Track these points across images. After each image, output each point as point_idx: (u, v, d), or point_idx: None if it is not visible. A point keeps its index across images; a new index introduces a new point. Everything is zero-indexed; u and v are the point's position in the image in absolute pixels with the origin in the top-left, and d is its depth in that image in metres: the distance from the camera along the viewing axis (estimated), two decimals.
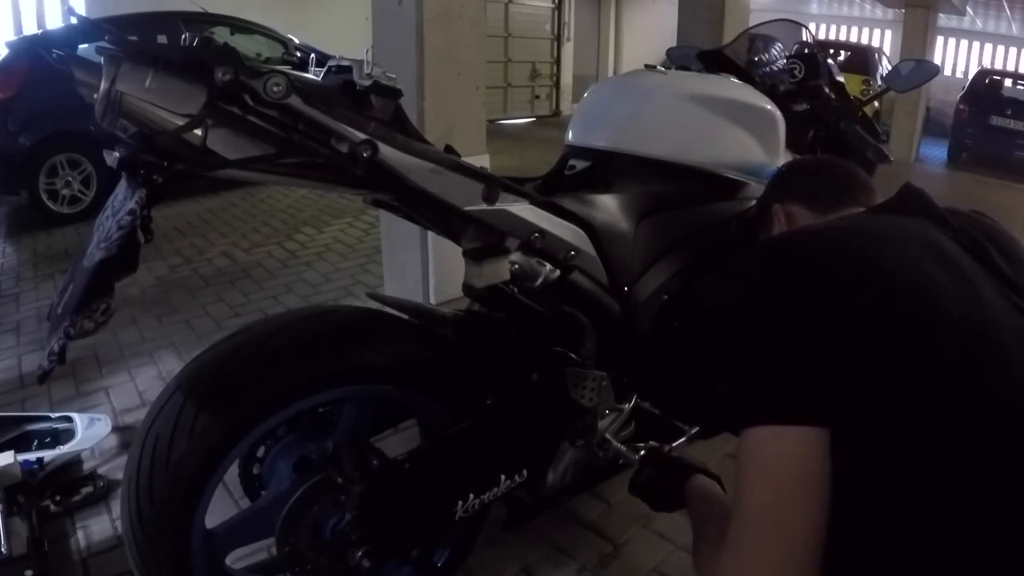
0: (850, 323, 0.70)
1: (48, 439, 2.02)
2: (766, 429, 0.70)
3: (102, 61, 0.91)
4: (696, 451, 1.65)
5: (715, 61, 1.91)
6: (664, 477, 1.19)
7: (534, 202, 1.28)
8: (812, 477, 0.68)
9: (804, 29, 2.14)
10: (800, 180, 1.14)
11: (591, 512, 1.77)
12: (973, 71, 12.18)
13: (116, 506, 1.79)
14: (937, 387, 0.68)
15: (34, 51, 4.58)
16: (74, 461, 1.96)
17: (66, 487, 1.82)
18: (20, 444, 1.95)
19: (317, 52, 3.97)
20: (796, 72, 1.92)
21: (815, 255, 0.78)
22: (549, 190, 1.55)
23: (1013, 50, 15.06)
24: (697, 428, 1.52)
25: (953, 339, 0.70)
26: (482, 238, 1.25)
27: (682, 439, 1.48)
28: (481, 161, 2.71)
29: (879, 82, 9.23)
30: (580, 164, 1.63)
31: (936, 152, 10.68)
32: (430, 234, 2.41)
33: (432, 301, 2.84)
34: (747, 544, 0.69)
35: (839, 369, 0.69)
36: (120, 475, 1.20)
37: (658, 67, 1.79)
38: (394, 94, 1.12)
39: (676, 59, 2.14)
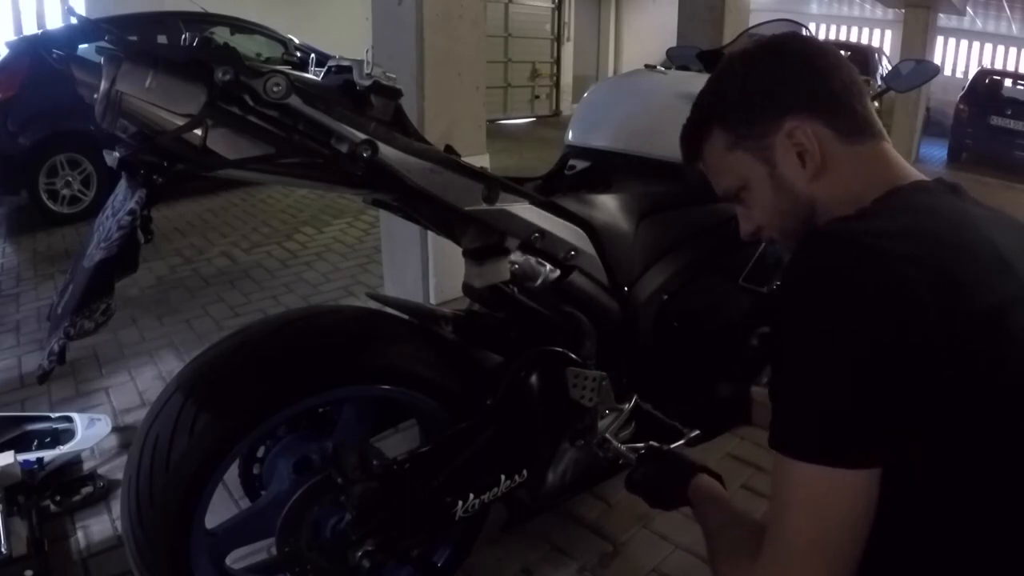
0: (932, 363, 0.64)
1: (48, 439, 2.02)
2: (823, 469, 0.65)
3: (102, 61, 0.91)
4: (696, 451, 1.65)
5: (715, 61, 1.91)
6: (663, 474, 1.16)
7: (534, 202, 1.28)
8: (862, 514, 0.67)
9: (804, 29, 2.14)
10: (800, 79, 0.82)
11: (591, 512, 1.77)
12: (973, 71, 12.18)
13: (116, 506, 1.79)
14: (1011, 418, 0.66)
15: (34, 51, 4.58)
16: (74, 461, 1.96)
17: (66, 487, 1.82)
18: (20, 444, 1.95)
19: (317, 52, 3.97)
20: None
21: (907, 279, 0.65)
22: (549, 190, 1.55)
23: (1013, 50, 15.05)
24: (697, 431, 1.51)
25: (1019, 369, 0.66)
26: (482, 238, 1.25)
27: (681, 441, 1.48)
28: (481, 161, 2.71)
29: (879, 82, 9.20)
30: (580, 164, 1.63)
31: (936, 152, 10.68)
32: (430, 234, 2.41)
33: (432, 301, 2.83)
34: (787, 572, 0.69)
35: (912, 412, 0.65)
36: (120, 475, 1.20)
37: (658, 67, 1.79)
38: (394, 94, 1.12)
39: (676, 59, 2.13)
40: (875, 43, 14.75)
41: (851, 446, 0.65)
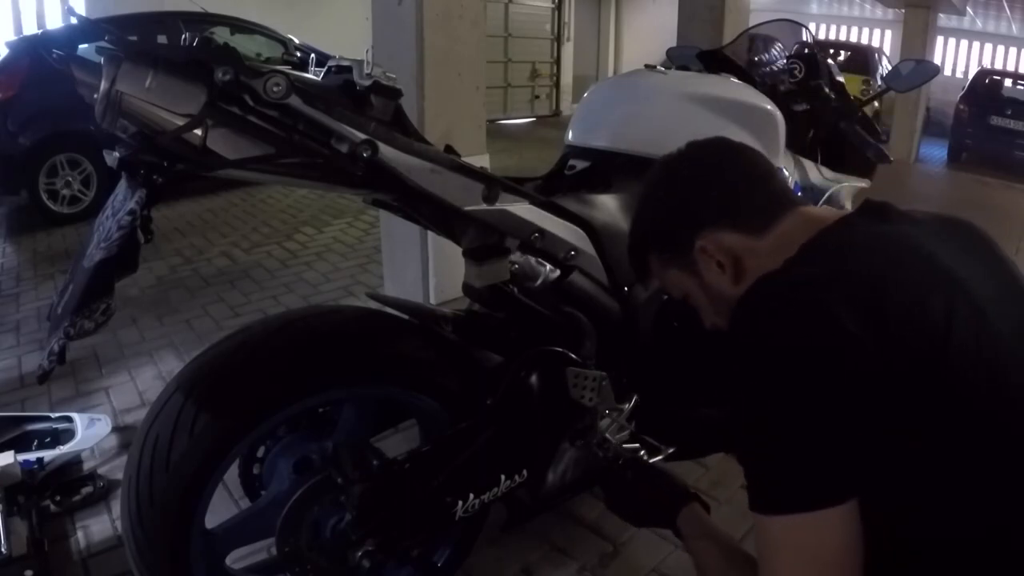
0: (878, 392, 0.66)
1: (48, 439, 2.02)
2: (798, 517, 0.67)
3: (102, 61, 0.91)
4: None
5: (715, 61, 1.91)
6: (653, 495, 1.13)
7: (534, 202, 1.28)
8: (852, 546, 0.68)
9: (804, 29, 2.14)
10: (700, 198, 0.90)
11: (591, 512, 1.77)
12: (973, 71, 12.19)
13: (116, 506, 1.79)
14: (970, 427, 0.67)
15: (34, 51, 4.58)
16: (74, 461, 1.96)
17: (66, 487, 1.82)
18: (20, 444, 1.95)
19: (317, 52, 3.97)
20: (796, 72, 1.92)
21: (838, 322, 0.67)
22: (549, 190, 1.55)
23: (1013, 50, 15.06)
24: (672, 449, 1.49)
25: (974, 377, 0.68)
26: (482, 238, 1.25)
27: (659, 457, 1.45)
28: (481, 161, 2.71)
29: (879, 82, 9.22)
30: (580, 164, 1.63)
31: (936, 152, 10.69)
32: (430, 234, 2.41)
33: (432, 301, 2.84)
34: None
35: (871, 442, 0.66)
36: (120, 475, 1.20)
37: (658, 67, 1.78)
38: (394, 94, 1.12)
39: (676, 59, 2.13)
40: (875, 43, 14.77)
41: (821, 486, 0.67)
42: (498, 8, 10.71)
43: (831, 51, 10.34)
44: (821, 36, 14.65)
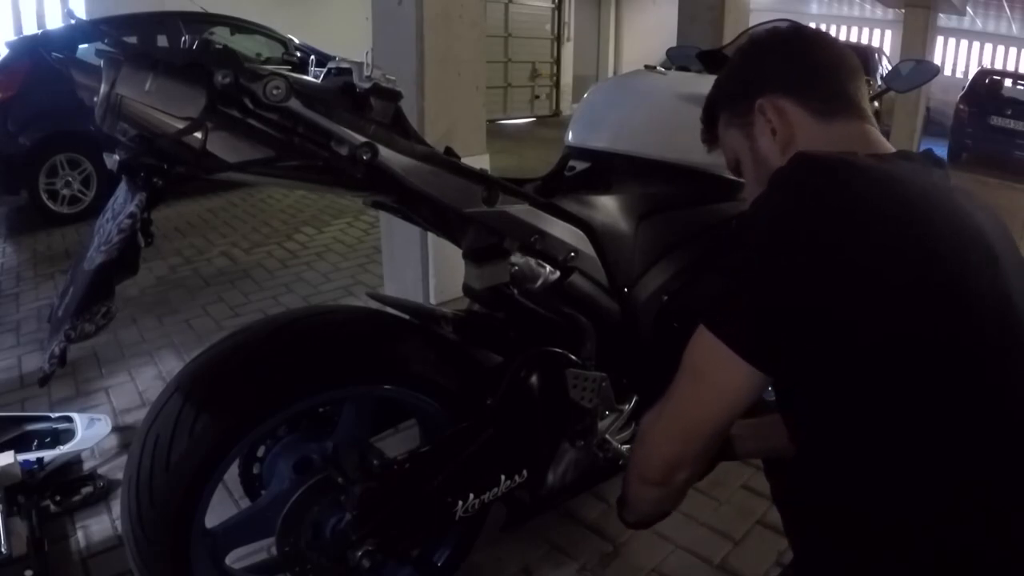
0: (881, 292, 0.66)
1: (48, 439, 2.02)
2: (723, 346, 0.72)
3: (102, 64, 0.91)
4: None
5: (715, 61, 1.91)
6: None
7: (534, 204, 1.29)
8: (733, 401, 0.76)
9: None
10: (779, 62, 0.92)
11: (591, 512, 1.77)
12: (973, 71, 12.18)
13: (116, 506, 1.79)
14: (959, 372, 0.67)
15: (34, 51, 4.58)
16: (74, 461, 1.96)
17: (66, 487, 1.82)
18: (20, 444, 1.95)
19: (317, 52, 3.97)
20: None
21: (865, 201, 0.69)
22: (549, 191, 1.55)
23: (1013, 50, 15.05)
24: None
25: (982, 321, 0.68)
26: (482, 240, 1.25)
27: None
28: (481, 162, 2.71)
29: (879, 82, 9.19)
30: (580, 165, 1.63)
31: (936, 152, 10.67)
32: (430, 234, 2.41)
33: (432, 301, 2.83)
34: (666, 412, 0.84)
35: (819, 333, 0.67)
36: (120, 475, 1.20)
37: (658, 67, 1.79)
38: (394, 96, 1.12)
39: (676, 59, 2.13)
40: (875, 43, 14.75)
41: (749, 336, 0.71)
42: (498, 8, 10.71)
43: None
44: None
